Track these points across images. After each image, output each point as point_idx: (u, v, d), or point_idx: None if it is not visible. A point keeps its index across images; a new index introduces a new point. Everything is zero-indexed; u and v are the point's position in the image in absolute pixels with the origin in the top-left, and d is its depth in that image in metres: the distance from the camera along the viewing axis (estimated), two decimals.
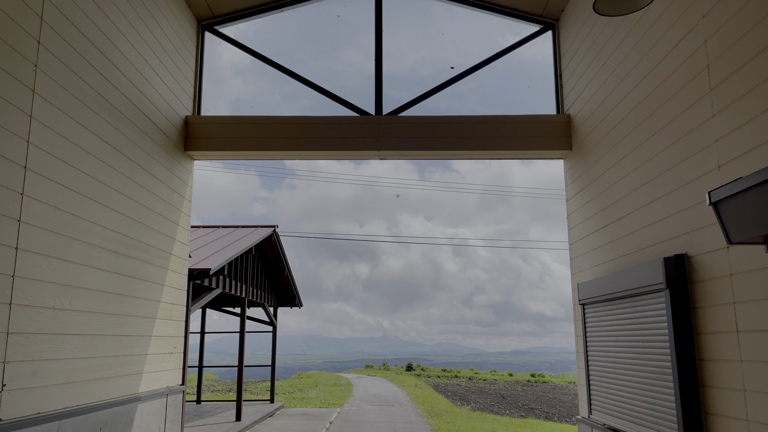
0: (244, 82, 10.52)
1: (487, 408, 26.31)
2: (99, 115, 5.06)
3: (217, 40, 7.79)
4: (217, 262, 9.95)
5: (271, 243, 15.37)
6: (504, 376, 48.56)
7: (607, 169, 5.99)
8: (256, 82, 9.88)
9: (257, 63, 7.79)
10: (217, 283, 11.82)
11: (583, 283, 6.32)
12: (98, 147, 5.05)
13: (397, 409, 18.16)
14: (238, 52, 7.82)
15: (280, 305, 18.81)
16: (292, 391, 25.78)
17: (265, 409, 16.24)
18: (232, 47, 7.78)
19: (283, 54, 7.99)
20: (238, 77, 9.56)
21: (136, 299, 5.72)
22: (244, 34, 7.94)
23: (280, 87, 8.16)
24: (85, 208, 4.81)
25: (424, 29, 8.32)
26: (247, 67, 8.03)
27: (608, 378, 5.60)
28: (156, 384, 6.25)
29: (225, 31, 7.84)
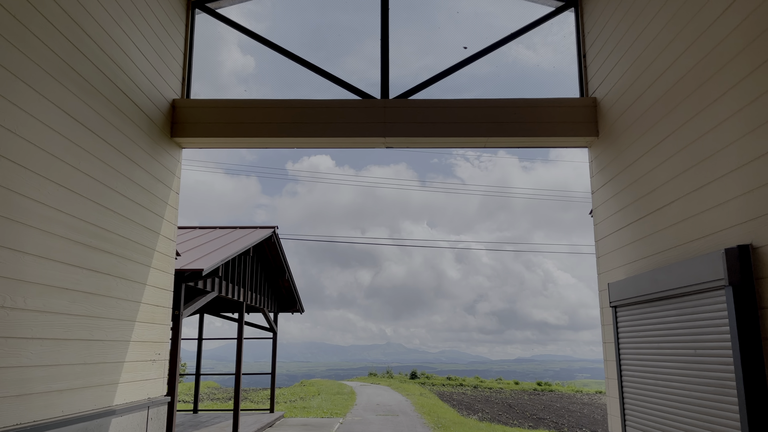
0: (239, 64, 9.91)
1: (494, 418, 25.49)
2: (64, 86, 4.41)
3: (209, 19, 7.16)
4: (211, 263, 9.28)
5: (270, 245, 14.70)
6: (510, 385, 47.66)
7: (642, 153, 5.31)
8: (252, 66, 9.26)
9: (253, 45, 7.16)
10: (212, 286, 11.15)
11: (614, 283, 5.62)
12: (64, 123, 4.40)
13: (402, 420, 17.41)
14: (232, 32, 7.19)
15: (280, 311, 18.12)
16: (294, 399, 25.04)
17: (264, 419, 15.52)
18: (225, 27, 7.15)
19: (281, 36, 7.37)
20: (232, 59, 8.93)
21: (110, 299, 5.05)
22: (239, 12, 7.32)
23: (277, 71, 7.53)
24: (47, 192, 4.16)
25: (435, 7, 7.68)
26: (241, 49, 7.38)
27: (648, 391, 4.89)
28: (135, 395, 5.57)
29: (219, 10, 7.21)
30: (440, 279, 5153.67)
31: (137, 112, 5.61)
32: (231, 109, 6.56)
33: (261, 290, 15.43)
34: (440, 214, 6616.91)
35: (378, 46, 6.92)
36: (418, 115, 6.53)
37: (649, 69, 5.24)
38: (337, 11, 7.70)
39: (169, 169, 6.41)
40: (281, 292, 17.60)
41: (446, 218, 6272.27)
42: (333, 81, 6.85)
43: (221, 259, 9.72)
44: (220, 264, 9.71)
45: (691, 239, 4.36)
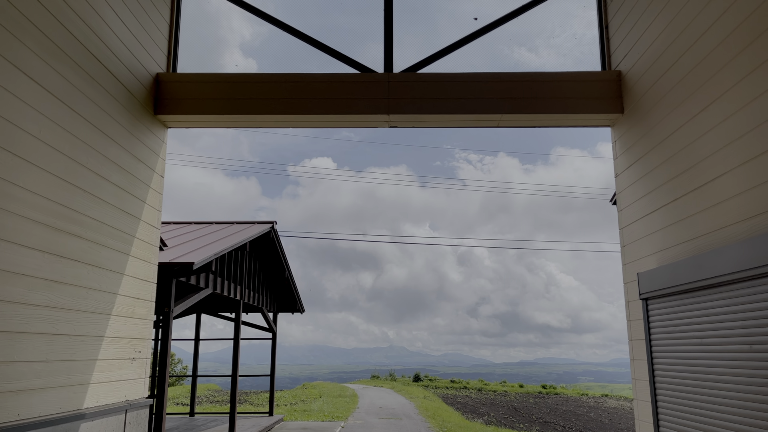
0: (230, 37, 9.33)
1: (500, 422, 24.84)
2: (29, 47, 3.85)
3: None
4: (203, 257, 8.72)
5: (269, 242, 14.13)
6: (514, 388, 46.99)
7: (678, 126, 4.72)
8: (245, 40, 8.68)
9: (246, 17, 6.60)
10: (206, 282, 10.58)
11: (645, 273, 5.02)
12: (27, 89, 3.83)
13: (405, 424, 16.80)
14: (224, 3, 6.63)
15: (280, 311, 17.54)
16: (295, 402, 24.43)
17: (262, 422, 14.93)
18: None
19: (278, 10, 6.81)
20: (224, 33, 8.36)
21: (79, 288, 4.47)
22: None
23: (273, 47, 6.95)
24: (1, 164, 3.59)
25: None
26: (233, 21, 6.79)
27: (689, 393, 4.29)
28: (110, 397, 4.99)
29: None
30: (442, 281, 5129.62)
31: (113, 82, 5.05)
32: (221, 84, 6.00)
33: (259, 289, 14.86)
34: (441, 216, 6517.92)
35: (381, 17, 6.35)
36: (424, 90, 5.95)
37: (685, 33, 4.66)
38: None
39: (151, 149, 5.84)
40: (281, 292, 17.02)
41: (447, 221, 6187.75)
42: (332, 55, 6.28)
43: (214, 253, 9.15)
44: (213, 258, 9.14)
45: (745, 217, 3.77)
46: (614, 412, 35.62)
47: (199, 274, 10.15)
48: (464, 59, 6.74)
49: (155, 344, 9.85)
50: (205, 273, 10.52)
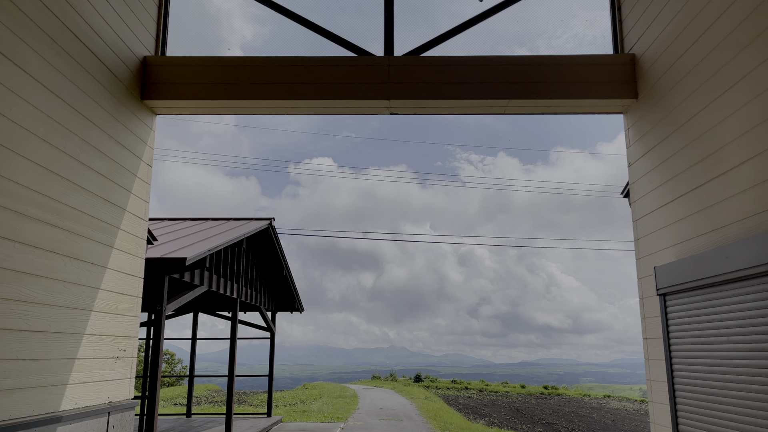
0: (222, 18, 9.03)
1: (502, 423, 24.50)
2: (1, 22, 3.54)
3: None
4: (196, 252, 8.40)
5: (266, 238, 13.80)
6: (516, 388, 46.65)
7: (700, 109, 4.40)
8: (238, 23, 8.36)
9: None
10: (200, 279, 10.26)
11: (663, 267, 4.70)
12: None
13: (406, 425, 16.47)
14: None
15: (278, 310, 17.22)
16: (294, 403, 24.11)
17: (260, 423, 14.60)
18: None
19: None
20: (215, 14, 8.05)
21: (55, 282, 4.15)
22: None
23: (266, 27, 6.62)
24: None
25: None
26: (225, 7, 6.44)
27: (714, 396, 3.96)
28: (90, 398, 4.67)
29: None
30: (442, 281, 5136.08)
31: (94, 62, 4.73)
32: (212, 68, 5.68)
33: (257, 287, 14.54)
34: (441, 216, 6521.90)
35: (381, 2, 6.03)
36: (427, 74, 5.62)
37: (704, 13, 4.34)
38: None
39: (138, 136, 5.52)
40: (279, 290, 16.70)
41: (447, 221, 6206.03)
42: (331, 39, 5.96)
43: (208, 248, 8.83)
44: (207, 254, 8.82)
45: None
46: (617, 413, 35.25)
47: (194, 271, 9.84)
48: (468, 46, 6.42)
49: (147, 343, 9.54)
50: (200, 270, 10.20)
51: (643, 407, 39.75)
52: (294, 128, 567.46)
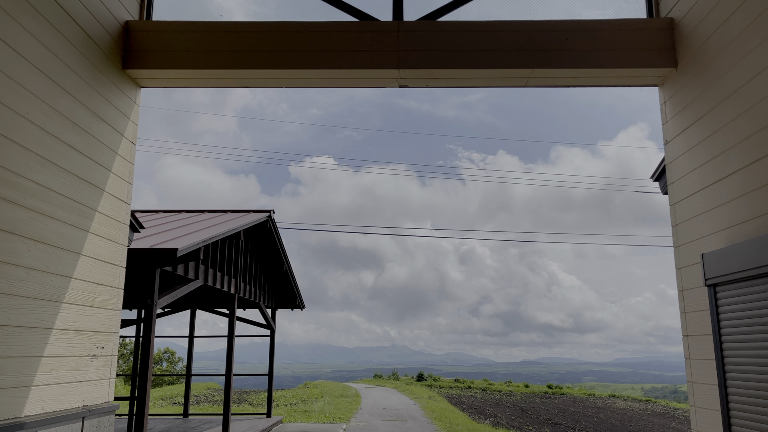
0: None
1: (508, 423, 23.94)
2: None
3: None
4: (189, 243, 7.84)
5: (266, 232, 13.24)
6: (520, 388, 46.09)
7: (755, 74, 3.82)
8: None
9: None
10: (195, 273, 9.70)
11: (713, 254, 4.12)
12: None
13: (411, 426, 15.91)
14: None
15: (279, 307, 16.67)
16: (295, 402, 23.56)
17: (259, 424, 14.06)
18: None
19: None
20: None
21: (16, 268, 3.59)
22: None
23: None
24: None
25: None
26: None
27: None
28: (61, 402, 4.11)
29: None
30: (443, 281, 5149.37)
31: (66, 21, 4.16)
32: (202, 35, 5.11)
33: (256, 283, 13.99)
34: (441, 214, 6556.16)
35: None
36: (440, 41, 5.05)
37: None
38: None
39: (119, 109, 4.95)
40: (279, 286, 16.14)
41: (447, 219, 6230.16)
42: (333, 3, 5.38)
43: (202, 239, 8.28)
44: (201, 246, 8.26)
45: None
46: (623, 413, 34.65)
47: (187, 264, 9.28)
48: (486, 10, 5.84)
49: (136, 341, 8.97)
50: (195, 263, 9.65)
51: (649, 407, 39.15)
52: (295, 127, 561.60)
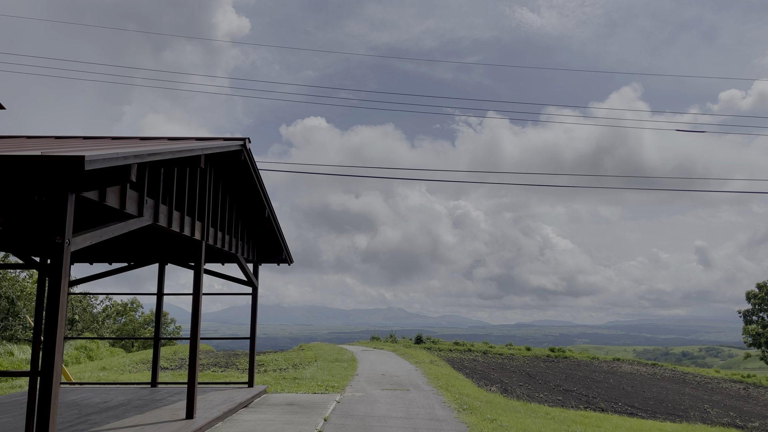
0: None
1: (518, 391, 22.12)
2: None
3: None
4: (107, 153, 5.43)
5: (240, 167, 10.80)
6: (521, 351, 44.61)
7: None
8: None
9: None
10: (138, 207, 7.33)
11: None
12: None
13: (414, 396, 13.85)
14: None
15: (262, 261, 14.37)
16: (285, 368, 21.58)
17: (237, 396, 11.93)
18: None
19: None
20: None
21: None
22: None
23: None
24: None
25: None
26: None
27: None
28: None
29: None
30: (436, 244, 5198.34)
31: None
32: None
33: (232, 230, 11.64)
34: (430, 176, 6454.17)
35: None
36: None
37: None
38: None
39: None
40: (262, 237, 13.81)
41: (437, 183, 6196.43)
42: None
43: (132, 153, 5.87)
44: (132, 162, 5.85)
45: None
46: (632, 378, 33.02)
47: (124, 194, 6.90)
48: None
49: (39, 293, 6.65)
50: (138, 194, 7.26)
51: (656, 371, 37.61)
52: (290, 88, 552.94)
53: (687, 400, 25.16)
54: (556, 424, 11.40)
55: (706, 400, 25.67)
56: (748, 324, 44.29)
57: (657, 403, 23.47)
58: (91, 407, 10.59)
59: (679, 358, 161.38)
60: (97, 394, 12.22)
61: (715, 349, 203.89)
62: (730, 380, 35.35)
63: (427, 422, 10.47)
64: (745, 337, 43.93)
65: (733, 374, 39.62)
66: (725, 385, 32.58)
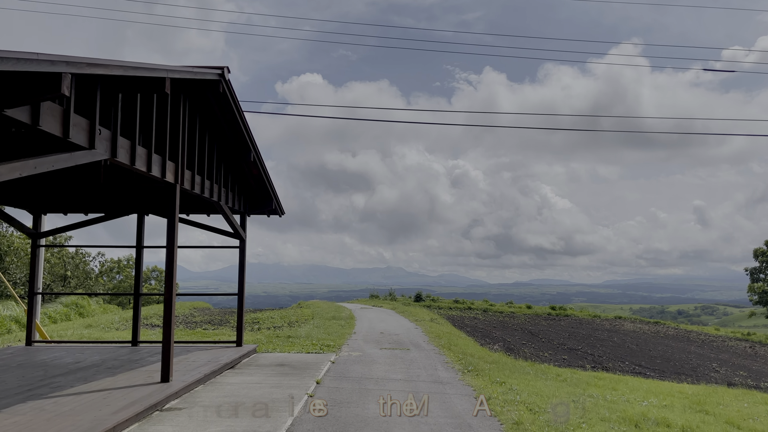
0: None
1: (518, 348, 21.36)
2: None
3: None
4: (28, 55, 4.20)
5: (219, 100, 9.52)
6: (522, 309, 43.98)
7: None
8: None
9: None
10: (88, 138, 6.12)
11: None
12: None
13: (415, 356, 12.94)
14: None
15: (251, 211, 13.23)
16: (280, 325, 20.72)
17: (222, 357, 10.98)
18: None
19: None
20: None
21: None
22: None
23: None
24: None
25: None
26: None
27: None
28: None
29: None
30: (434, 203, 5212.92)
31: None
32: None
33: (214, 176, 10.45)
34: (426, 136, 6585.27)
35: None
36: None
37: None
38: None
39: None
40: (249, 185, 12.63)
41: (432, 140, 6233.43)
42: None
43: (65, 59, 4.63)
44: (65, 70, 4.62)
45: None
46: (636, 336, 32.41)
47: (67, 117, 5.67)
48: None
49: None
50: (88, 123, 6.04)
51: (659, 329, 37.10)
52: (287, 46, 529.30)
53: (694, 359, 24.50)
54: (570, 386, 10.48)
55: (713, 359, 25.02)
56: (754, 282, 43.61)
57: (664, 362, 22.78)
58: (60, 368, 9.63)
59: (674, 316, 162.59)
60: (70, 354, 11.26)
61: (710, 308, 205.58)
62: (734, 338, 34.82)
63: (430, 385, 9.53)
64: (751, 295, 43.33)
65: (732, 332, 39.17)
66: (730, 344, 32.00)
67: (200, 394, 8.36)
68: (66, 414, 6.45)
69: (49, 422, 6.11)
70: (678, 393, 11.27)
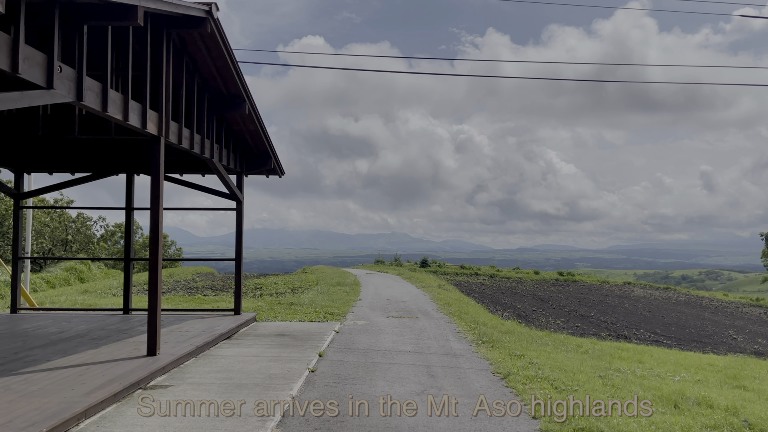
0: None
1: (529, 315, 20.65)
2: None
3: None
4: None
5: (209, 44, 8.47)
6: (529, 275, 43.24)
7: None
8: None
9: None
10: (45, 76, 5.17)
11: None
12: None
13: (424, 325, 12.18)
14: None
15: (248, 171, 12.29)
16: (283, 292, 20.02)
17: (218, 326, 10.22)
18: None
19: None
20: None
21: None
22: None
23: None
24: None
25: None
26: None
27: None
28: None
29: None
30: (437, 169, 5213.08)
31: None
32: None
33: (205, 130, 9.47)
34: (428, 100, 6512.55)
35: None
36: None
37: None
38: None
39: None
40: (246, 142, 11.66)
41: (434, 104, 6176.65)
42: None
43: None
44: None
45: None
46: (647, 302, 31.70)
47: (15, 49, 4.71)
48: None
49: None
50: (45, 54, 5.07)
51: (671, 295, 36.37)
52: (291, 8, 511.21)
53: (709, 326, 23.79)
54: (593, 359, 9.69)
55: (729, 326, 24.31)
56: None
57: (680, 329, 22.06)
58: (41, 339, 8.88)
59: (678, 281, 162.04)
60: (56, 323, 10.53)
61: (714, 273, 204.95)
62: (747, 304, 34.07)
63: (442, 358, 8.75)
64: (765, 260, 42.45)
65: (742, 297, 38.43)
66: (745, 310, 31.26)
67: (190, 369, 7.59)
68: (33, 394, 5.67)
69: (11, 405, 5.33)
70: (708, 365, 10.48)
